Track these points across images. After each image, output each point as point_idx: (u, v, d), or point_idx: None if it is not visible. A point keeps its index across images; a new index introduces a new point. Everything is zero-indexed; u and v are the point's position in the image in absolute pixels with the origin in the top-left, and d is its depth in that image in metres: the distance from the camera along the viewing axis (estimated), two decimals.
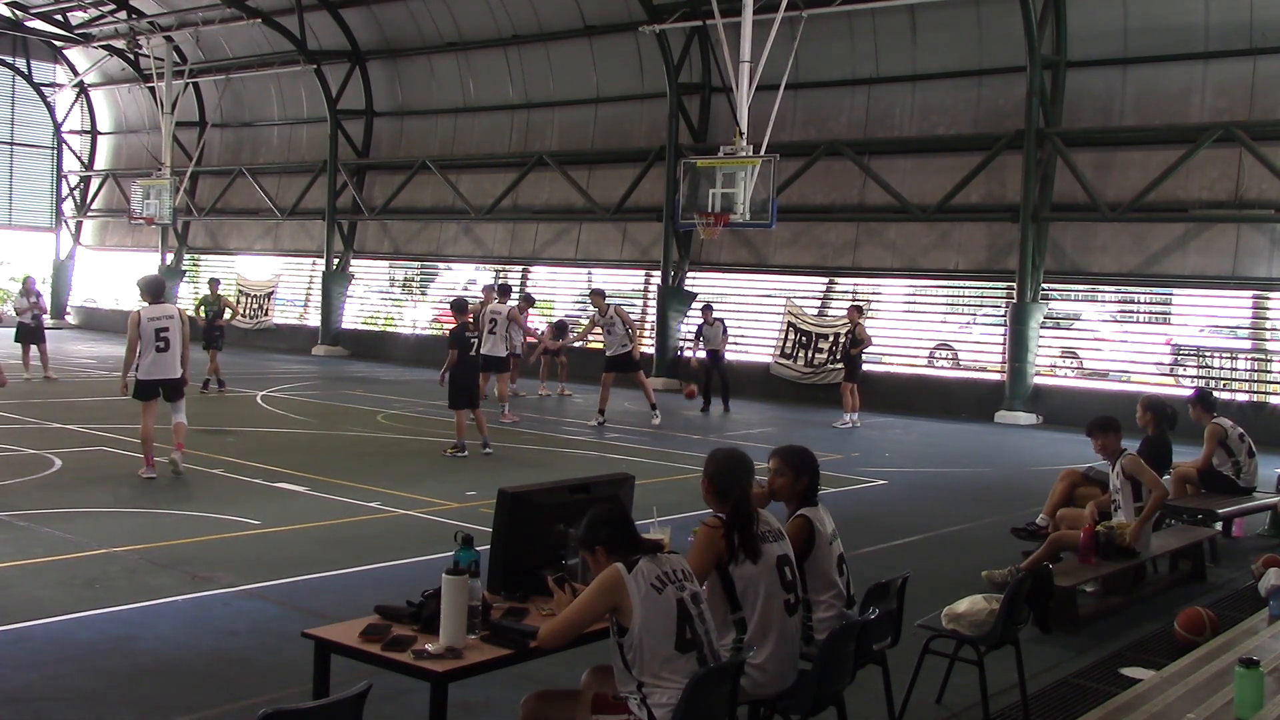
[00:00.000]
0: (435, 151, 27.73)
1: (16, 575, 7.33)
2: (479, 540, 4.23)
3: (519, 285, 26.42)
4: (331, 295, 29.32)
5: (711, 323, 19.38)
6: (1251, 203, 17.90)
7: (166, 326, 10.78)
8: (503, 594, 4.32)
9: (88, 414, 15.10)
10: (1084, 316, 20.44)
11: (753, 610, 4.31)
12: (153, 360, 10.73)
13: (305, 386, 20.45)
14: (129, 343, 10.81)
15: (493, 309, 16.42)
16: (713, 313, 19.61)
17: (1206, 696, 4.27)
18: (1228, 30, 18.10)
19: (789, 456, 5.04)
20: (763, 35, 18.38)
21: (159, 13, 29.85)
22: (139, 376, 10.76)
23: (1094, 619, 7.33)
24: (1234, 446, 10.00)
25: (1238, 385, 18.47)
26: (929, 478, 13.26)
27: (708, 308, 19.73)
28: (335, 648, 3.97)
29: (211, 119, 32.62)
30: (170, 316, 10.86)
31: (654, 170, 23.48)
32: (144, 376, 10.74)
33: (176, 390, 10.92)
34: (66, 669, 5.69)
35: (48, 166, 36.76)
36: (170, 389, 10.86)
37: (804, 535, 4.80)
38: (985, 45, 20.28)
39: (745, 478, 4.47)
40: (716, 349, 19.38)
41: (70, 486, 10.34)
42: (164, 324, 10.77)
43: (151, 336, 10.68)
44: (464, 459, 12.69)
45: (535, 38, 25.52)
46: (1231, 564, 9.12)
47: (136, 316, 10.78)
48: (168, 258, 33.87)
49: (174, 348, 10.79)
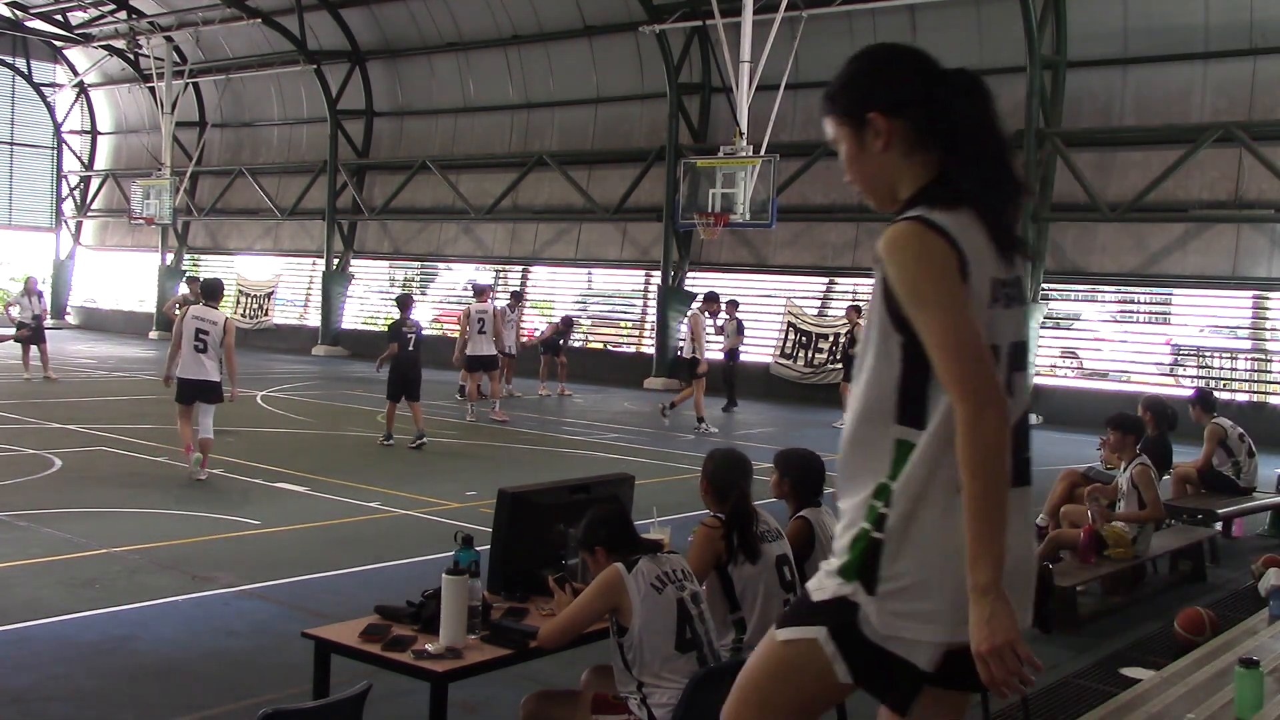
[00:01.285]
0: (435, 151, 27.73)
1: (16, 575, 7.33)
2: (479, 540, 4.22)
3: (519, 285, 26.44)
4: (331, 295, 29.32)
5: (733, 318, 19.36)
6: (1251, 203, 17.90)
7: (207, 330, 10.81)
8: (503, 594, 4.32)
9: (88, 414, 15.10)
10: (1084, 317, 20.44)
11: (752, 610, 4.32)
12: (187, 359, 10.76)
13: (305, 386, 20.45)
14: (173, 339, 10.97)
15: (478, 308, 16.42)
16: (736, 309, 19.57)
17: (1206, 696, 4.27)
18: (1228, 30, 18.09)
19: (778, 458, 5.10)
20: (763, 35, 18.39)
21: (159, 13, 29.85)
22: (179, 375, 10.82)
23: (1094, 619, 7.33)
24: (1234, 446, 9.99)
25: (1238, 385, 18.47)
26: None
27: (731, 304, 19.65)
28: (335, 648, 3.97)
29: (211, 119, 32.62)
30: (214, 322, 10.88)
31: (654, 170, 23.47)
32: (180, 375, 10.81)
33: (213, 393, 10.90)
34: (66, 669, 5.68)
35: (48, 166, 36.75)
36: (206, 391, 10.83)
37: (803, 537, 4.81)
38: (985, 45, 20.27)
39: (743, 478, 4.48)
40: (734, 347, 19.36)
41: (70, 486, 10.34)
42: (205, 326, 10.80)
43: (190, 335, 10.73)
44: (430, 453, 12.72)
45: (535, 38, 25.52)
46: (1231, 564, 9.12)
47: (184, 314, 10.97)
48: (168, 258, 33.84)
49: (211, 351, 10.81)
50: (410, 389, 13.48)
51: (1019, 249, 2.23)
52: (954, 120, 2.18)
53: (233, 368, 11.12)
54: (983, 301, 2.15)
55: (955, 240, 2.12)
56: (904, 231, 2.13)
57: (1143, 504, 7.59)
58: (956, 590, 2.09)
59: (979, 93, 2.22)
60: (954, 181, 2.17)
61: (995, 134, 2.22)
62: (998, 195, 2.19)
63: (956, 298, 2.10)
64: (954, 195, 2.17)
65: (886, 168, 2.26)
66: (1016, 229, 2.22)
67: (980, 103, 2.21)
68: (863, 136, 2.27)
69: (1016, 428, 2.18)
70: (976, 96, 2.21)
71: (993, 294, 2.16)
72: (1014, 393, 2.20)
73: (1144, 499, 7.54)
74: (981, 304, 2.14)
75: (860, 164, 2.29)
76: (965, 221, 2.16)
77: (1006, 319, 2.20)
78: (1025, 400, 2.27)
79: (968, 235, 2.15)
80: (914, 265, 2.12)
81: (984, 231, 2.17)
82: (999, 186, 2.19)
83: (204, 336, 10.76)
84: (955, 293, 2.10)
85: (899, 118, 2.22)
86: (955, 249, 2.11)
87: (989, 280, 2.16)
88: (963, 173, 2.17)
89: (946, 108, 2.18)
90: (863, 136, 2.27)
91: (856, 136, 2.28)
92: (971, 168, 2.18)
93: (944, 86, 2.20)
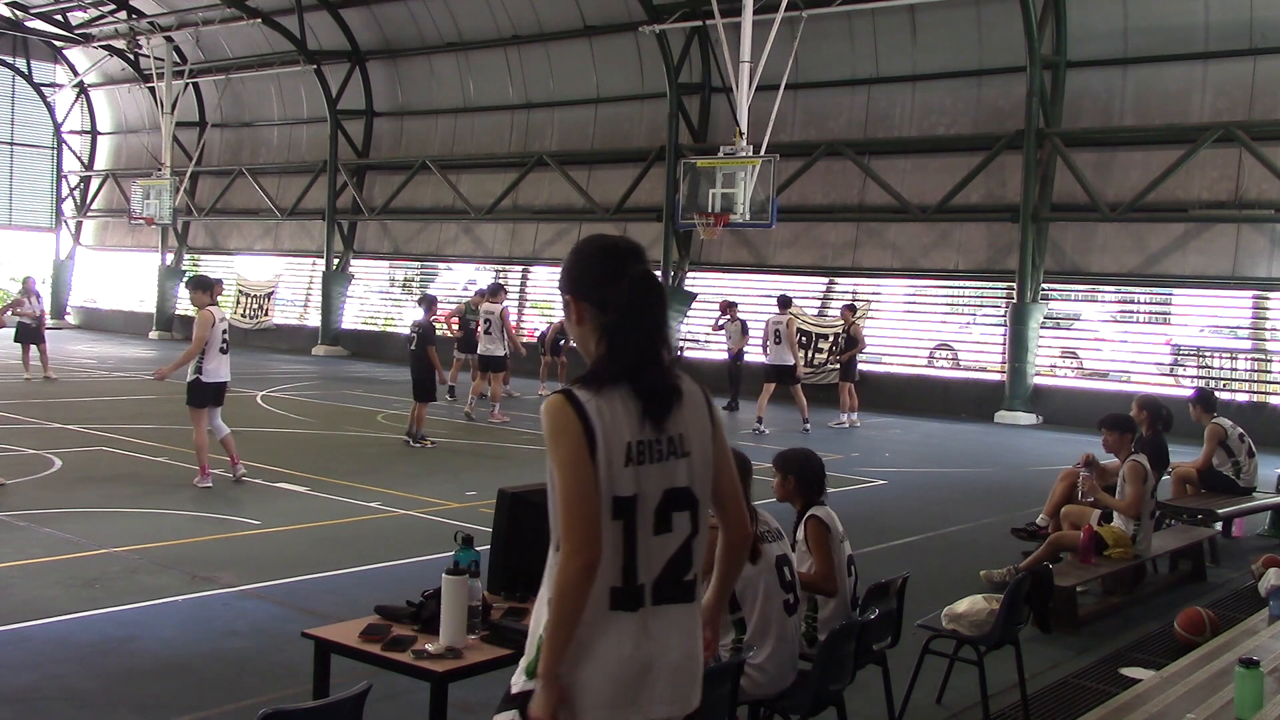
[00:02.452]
0: (435, 151, 27.72)
1: (16, 575, 7.33)
2: (479, 540, 4.23)
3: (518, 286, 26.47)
4: (331, 295, 29.32)
5: (735, 319, 19.41)
6: (1251, 203, 17.90)
7: (228, 329, 10.80)
8: (503, 594, 4.32)
9: (88, 414, 15.10)
10: (1084, 317, 20.43)
11: (752, 611, 4.32)
12: (219, 363, 10.53)
13: (305, 386, 20.45)
14: (196, 340, 10.41)
15: (485, 309, 16.41)
16: (736, 309, 19.65)
17: (1206, 696, 4.27)
18: (1228, 30, 18.10)
19: (778, 460, 5.13)
20: (763, 35, 18.39)
21: (159, 13, 29.85)
22: (203, 379, 10.42)
23: (1094, 619, 7.33)
24: (1234, 446, 10.00)
25: (1238, 385, 18.46)
26: (929, 478, 13.27)
27: (732, 305, 19.74)
28: (335, 648, 3.97)
29: (211, 119, 32.61)
30: (224, 319, 10.82)
31: (654, 170, 23.47)
32: (209, 379, 10.45)
33: (224, 394, 10.85)
34: (66, 669, 5.69)
35: (48, 166, 36.74)
36: (224, 393, 10.79)
37: (820, 536, 4.82)
38: (985, 45, 20.28)
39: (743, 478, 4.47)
40: (739, 348, 19.39)
41: (70, 486, 10.34)
42: (226, 326, 10.77)
43: (219, 339, 10.51)
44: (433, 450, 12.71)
45: (535, 38, 25.52)
46: (1231, 564, 9.13)
47: (210, 316, 10.42)
48: (168, 258, 33.85)
49: (229, 350, 10.80)
50: (414, 389, 13.50)
51: (669, 415, 2.69)
52: (617, 313, 2.70)
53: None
54: (618, 463, 2.61)
55: (588, 414, 2.61)
56: (552, 402, 2.66)
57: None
58: (602, 685, 2.60)
59: (645, 290, 2.74)
60: (613, 360, 2.69)
61: (651, 325, 2.73)
62: (643, 375, 2.68)
63: (577, 462, 2.58)
64: (610, 373, 2.67)
65: (584, 337, 2.80)
66: (668, 400, 2.70)
67: (643, 298, 2.73)
68: (568, 310, 2.84)
69: (679, 553, 2.69)
70: (642, 293, 2.73)
71: (631, 456, 2.63)
72: (672, 528, 2.69)
73: (1126, 492, 7.54)
74: (617, 466, 2.61)
75: (570, 330, 2.85)
76: (612, 395, 2.65)
77: (655, 473, 2.66)
78: (687, 531, 2.72)
79: (609, 407, 2.63)
80: (551, 431, 2.62)
81: (635, 401, 2.65)
82: (644, 369, 2.69)
83: (226, 336, 10.69)
84: (577, 458, 2.59)
85: (585, 301, 2.77)
86: (584, 422, 2.60)
87: (625, 444, 2.62)
88: (616, 355, 2.70)
89: (613, 302, 2.71)
90: (568, 310, 2.84)
91: (567, 309, 2.85)
92: (622, 352, 2.69)
93: (616, 285, 2.71)
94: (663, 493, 2.68)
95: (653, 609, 2.67)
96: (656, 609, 2.67)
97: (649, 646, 2.64)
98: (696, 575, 2.77)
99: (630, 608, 2.64)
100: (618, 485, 2.62)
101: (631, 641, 2.63)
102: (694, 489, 2.73)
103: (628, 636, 2.63)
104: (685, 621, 2.74)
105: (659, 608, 2.68)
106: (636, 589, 2.65)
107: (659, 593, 2.67)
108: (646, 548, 2.66)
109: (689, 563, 2.74)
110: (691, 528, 2.74)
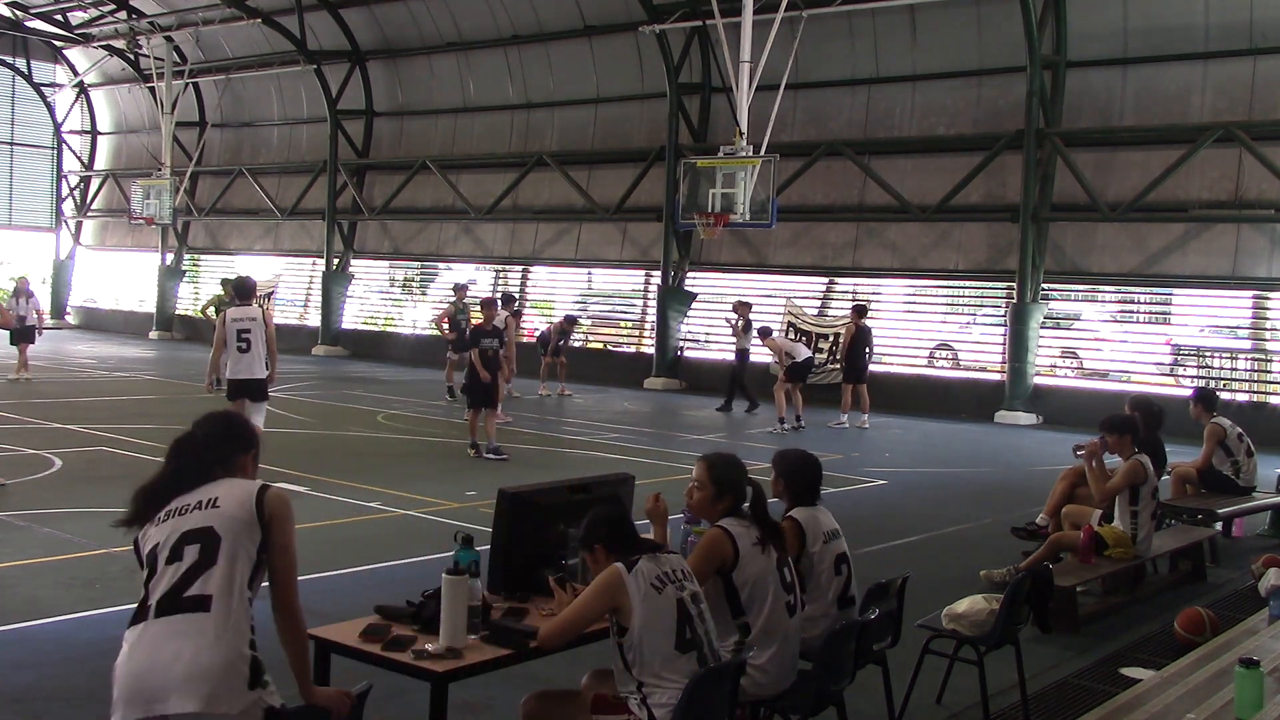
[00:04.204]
0: (435, 151, 27.72)
1: (16, 575, 7.33)
2: (479, 540, 4.23)
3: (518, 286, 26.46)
4: (331, 295, 29.32)
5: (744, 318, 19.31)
6: (1251, 203, 17.90)
7: (248, 328, 10.99)
8: (503, 594, 4.32)
9: (88, 414, 15.10)
10: (1084, 316, 20.45)
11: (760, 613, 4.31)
12: (235, 360, 11.01)
13: (305, 386, 20.45)
14: (215, 342, 11.13)
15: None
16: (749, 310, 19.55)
17: (1206, 696, 4.27)
18: (1228, 30, 18.09)
19: (776, 459, 5.11)
20: (763, 35, 18.38)
21: (159, 13, 29.85)
22: (228, 376, 11.10)
23: (1094, 619, 7.33)
24: (1233, 446, 9.99)
25: (1238, 385, 18.47)
26: (929, 478, 13.27)
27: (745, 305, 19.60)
28: (335, 648, 3.97)
29: (211, 119, 32.62)
30: (253, 319, 11.09)
31: (654, 170, 23.47)
32: (229, 376, 11.10)
33: (260, 391, 11.11)
34: (66, 669, 5.69)
35: (48, 166, 36.75)
36: (254, 389, 11.04)
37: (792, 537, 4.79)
38: (985, 45, 20.28)
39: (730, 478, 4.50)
40: (745, 348, 19.34)
41: (70, 486, 10.35)
42: (246, 325, 11.00)
43: (233, 337, 10.94)
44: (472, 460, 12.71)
45: (535, 38, 25.52)
46: (1231, 564, 9.12)
47: (223, 317, 11.10)
48: (168, 258, 33.86)
49: (255, 348, 11.00)
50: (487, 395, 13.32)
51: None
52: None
53: (274, 357, 11.35)
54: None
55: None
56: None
57: (1134, 498, 7.56)
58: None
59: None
60: None
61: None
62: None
63: None
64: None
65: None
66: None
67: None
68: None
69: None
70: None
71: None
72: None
73: (1114, 480, 7.52)
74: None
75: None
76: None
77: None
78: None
79: None
80: None
81: None
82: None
83: (246, 335, 10.97)
84: None
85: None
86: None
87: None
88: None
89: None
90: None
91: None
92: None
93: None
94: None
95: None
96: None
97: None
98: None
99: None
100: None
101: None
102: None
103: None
104: (198, 631, 3.38)
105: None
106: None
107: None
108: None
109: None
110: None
